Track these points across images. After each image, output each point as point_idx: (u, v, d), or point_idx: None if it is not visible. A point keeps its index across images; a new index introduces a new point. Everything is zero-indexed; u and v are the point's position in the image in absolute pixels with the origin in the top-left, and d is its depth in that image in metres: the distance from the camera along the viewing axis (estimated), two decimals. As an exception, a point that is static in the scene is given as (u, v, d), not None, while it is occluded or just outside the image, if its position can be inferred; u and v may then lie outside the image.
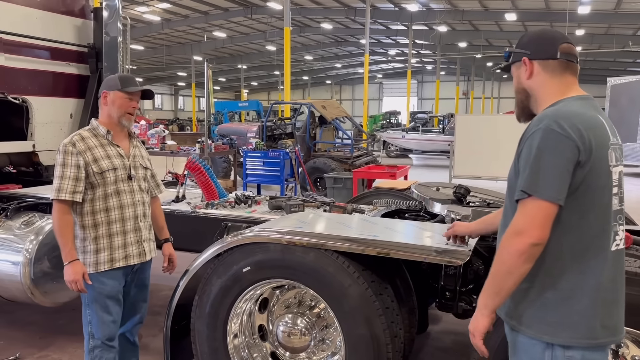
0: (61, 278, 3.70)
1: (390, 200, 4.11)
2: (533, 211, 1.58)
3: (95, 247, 2.67)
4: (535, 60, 1.78)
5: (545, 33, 1.84)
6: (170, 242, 3.07)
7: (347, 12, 26.82)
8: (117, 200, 2.71)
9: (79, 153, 2.63)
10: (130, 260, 2.76)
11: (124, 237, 2.73)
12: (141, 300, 2.95)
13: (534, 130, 1.61)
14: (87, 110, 5.14)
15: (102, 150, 2.70)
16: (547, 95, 1.76)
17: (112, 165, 2.70)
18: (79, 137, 2.69)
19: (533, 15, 24.53)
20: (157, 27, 29.04)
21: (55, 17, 4.90)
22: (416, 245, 2.57)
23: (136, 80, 2.82)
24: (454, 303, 2.97)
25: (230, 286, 2.74)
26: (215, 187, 4.06)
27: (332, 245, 2.56)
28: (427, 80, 51.99)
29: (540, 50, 1.78)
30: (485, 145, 8.13)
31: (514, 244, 1.59)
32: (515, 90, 1.86)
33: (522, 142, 1.66)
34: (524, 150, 1.63)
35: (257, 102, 24.30)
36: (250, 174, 9.36)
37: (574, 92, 1.75)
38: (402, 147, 19.18)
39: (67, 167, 2.62)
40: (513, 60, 1.85)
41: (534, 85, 1.79)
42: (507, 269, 1.62)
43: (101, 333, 2.69)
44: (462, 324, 4.27)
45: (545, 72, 1.77)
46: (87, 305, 2.71)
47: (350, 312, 2.50)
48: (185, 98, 56.94)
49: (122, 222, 2.73)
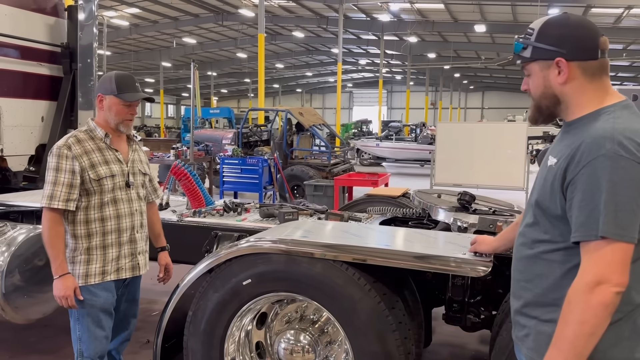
0: (34, 292, 3.46)
1: (385, 207, 3.97)
2: (613, 256, 1.34)
3: (86, 257, 2.46)
4: (573, 62, 1.49)
5: (581, 24, 1.53)
6: (167, 251, 2.89)
7: (319, 21, 26.84)
8: (114, 209, 2.51)
9: (74, 157, 2.41)
10: (122, 273, 2.56)
11: (118, 249, 2.53)
12: (131, 315, 2.76)
13: (595, 157, 1.36)
14: (59, 114, 4.85)
15: (100, 155, 2.49)
16: (585, 102, 1.51)
17: (111, 171, 2.49)
18: (74, 140, 2.46)
19: (501, 27, 25.07)
20: (125, 32, 28.41)
21: (26, 14, 4.61)
22: (440, 257, 2.37)
23: (135, 83, 2.57)
24: (462, 315, 2.84)
25: (228, 301, 2.53)
26: (202, 194, 3.84)
27: (361, 257, 2.37)
28: (396, 90, 52.54)
29: (580, 49, 1.50)
30: (465, 153, 8.13)
31: (596, 296, 1.33)
32: (540, 95, 1.57)
33: (573, 167, 1.41)
34: (581, 179, 1.38)
35: (228, 109, 23.98)
36: (227, 182, 9.11)
37: (612, 96, 1.52)
38: (375, 155, 19.19)
39: (61, 172, 2.39)
40: (536, 57, 1.55)
41: (570, 91, 1.52)
42: (590, 329, 1.34)
43: (92, 350, 2.48)
44: (457, 336, 4.18)
45: (584, 76, 1.50)
46: (77, 320, 2.48)
47: (361, 328, 2.33)
48: (153, 105, 55.90)
49: (118, 233, 2.52)
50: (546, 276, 1.52)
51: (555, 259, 1.51)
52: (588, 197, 1.37)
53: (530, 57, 1.56)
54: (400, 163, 18.78)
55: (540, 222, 1.54)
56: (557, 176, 1.45)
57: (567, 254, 1.47)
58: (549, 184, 1.49)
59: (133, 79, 2.57)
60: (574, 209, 1.40)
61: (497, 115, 43.23)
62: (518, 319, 1.63)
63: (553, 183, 1.47)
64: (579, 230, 1.39)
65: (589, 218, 1.36)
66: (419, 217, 3.50)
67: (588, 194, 1.37)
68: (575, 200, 1.40)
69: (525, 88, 1.63)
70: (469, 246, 2.33)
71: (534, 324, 1.55)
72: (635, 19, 21.57)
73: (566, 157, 1.44)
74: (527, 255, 1.59)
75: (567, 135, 1.53)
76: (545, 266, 1.53)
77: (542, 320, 1.52)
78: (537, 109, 1.62)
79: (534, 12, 20.12)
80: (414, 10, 23.90)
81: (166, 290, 5.06)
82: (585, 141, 1.41)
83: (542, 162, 1.65)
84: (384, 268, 2.43)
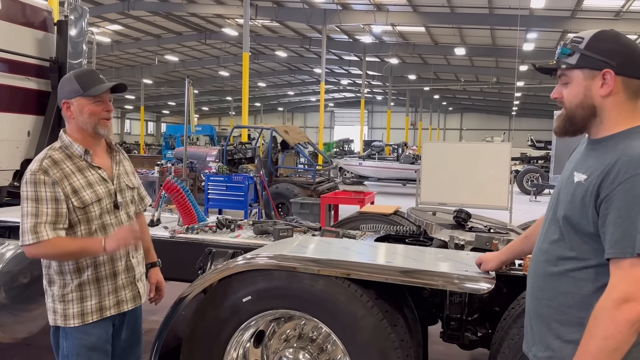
0: (20, 311, 3.36)
1: (377, 225, 3.98)
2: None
3: (78, 294, 2.16)
4: (620, 76, 1.48)
5: (633, 44, 1.53)
6: (157, 267, 2.62)
7: (302, 41, 27.12)
8: (104, 237, 2.18)
9: (54, 183, 2.07)
10: (124, 306, 2.29)
11: (114, 281, 2.24)
12: (135, 342, 2.44)
13: (633, 174, 1.37)
14: (46, 129, 4.78)
15: (82, 177, 2.15)
16: (620, 119, 1.51)
17: (96, 195, 2.17)
18: (50, 162, 2.10)
19: (481, 50, 25.66)
20: (107, 49, 28.24)
21: (14, 27, 4.55)
22: (444, 273, 2.37)
23: (99, 75, 2.24)
24: (460, 333, 2.84)
25: (227, 318, 2.49)
26: (195, 210, 3.80)
27: (377, 275, 2.34)
28: (377, 110, 53.13)
29: (630, 65, 1.49)
30: (450, 173, 8.22)
31: (623, 313, 1.34)
32: (577, 104, 1.54)
33: (608, 183, 1.41)
34: (617, 196, 1.38)
35: (210, 126, 23.97)
36: (212, 199, 9.03)
37: None
38: (358, 174, 19.27)
39: (42, 202, 2.05)
40: (583, 65, 1.52)
41: (609, 105, 1.51)
42: (614, 345, 1.35)
43: None
44: (448, 354, 4.17)
45: (626, 93, 1.50)
46: (66, 359, 2.20)
47: (364, 346, 2.31)
48: (133, 121, 55.40)
49: (112, 263, 2.23)
50: (572, 294, 1.51)
51: (583, 277, 1.50)
52: (624, 214, 1.37)
53: (577, 64, 1.53)
54: (383, 182, 18.89)
55: (567, 238, 1.53)
56: (590, 192, 1.45)
57: (597, 272, 1.46)
58: (579, 200, 1.48)
59: (95, 72, 2.27)
60: (609, 225, 1.40)
61: (475, 136, 43.91)
62: (538, 337, 1.61)
63: (584, 199, 1.46)
64: (614, 246, 1.39)
65: (625, 235, 1.36)
66: (414, 235, 3.51)
67: (624, 210, 1.37)
68: (610, 216, 1.40)
69: (557, 96, 1.60)
70: (469, 263, 2.35)
71: (558, 346, 1.53)
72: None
73: (600, 174, 1.44)
74: (550, 273, 1.58)
75: (596, 153, 1.53)
76: (571, 284, 1.52)
77: (565, 341, 1.51)
78: (569, 119, 1.58)
79: (513, 36, 20.70)
80: (396, 32, 24.34)
81: (152, 309, 4.98)
82: (622, 158, 1.41)
83: (561, 178, 1.65)
84: (384, 285, 2.43)
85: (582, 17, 19.21)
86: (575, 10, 18.80)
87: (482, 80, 32.69)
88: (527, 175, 18.45)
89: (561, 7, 18.76)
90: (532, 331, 1.66)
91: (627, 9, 17.90)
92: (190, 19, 24.77)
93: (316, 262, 2.45)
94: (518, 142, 28.00)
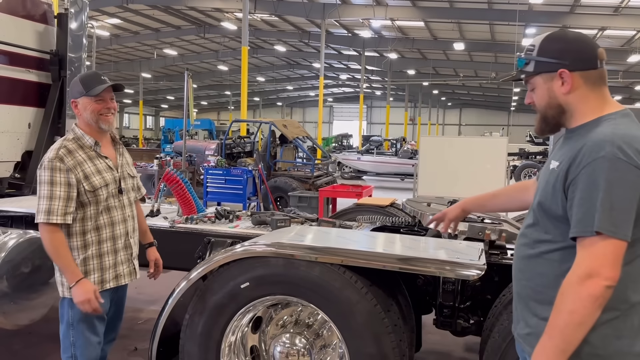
0: (24, 298, 3.42)
1: (374, 216, 4.05)
2: (606, 251, 1.43)
3: (83, 269, 2.45)
4: (575, 72, 1.58)
5: (580, 38, 1.63)
6: (154, 246, 2.90)
7: (301, 35, 27.11)
8: (108, 217, 2.52)
9: (68, 169, 2.38)
10: (122, 280, 2.60)
11: (114, 256, 2.55)
12: (117, 318, 2.79)
13: (594, 158, 1.46)
14: (47, 121, 4.83)
15: (92, 165, 2.47)
16: (588, 110, 1.60)
17: (104, 181, 2.49)
18: (65, 151, 2.43)
19: (480, 45, 25.67)
20: (105, 43, 28.19)
21: (15, 20, 4.60)
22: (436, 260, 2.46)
23: (101, 77, 2.53)
24: (453, 320, 2.92)
25: (226, 304, 2.56)
26: (194, 201, 3.86)
27: (364, 261, 2.44)
28: (376, 106, 53.15)
29: (581, 59, 1.59)
30: (448, 167, 8.28)
31: (586, 288, 1.42)
32: (545, 106, 1.65)
33: (574, 167, 1.50)
34: (581, 179, 1.47)
35: (209, 121, 23.98)
36: (211, 192, 9.09)
37: (612, 105, 1.62)
38: (356, 169, 19.34)
39: (56, 185, 2.36)
40: (539, 71, 1.63)
41: (574, 100, 1.61)
42: (579, 319, 1.43)
43: (87, 356, 2.49)
44: (443, 344, 4.25)
45: (586, 85, 1.59)
46: (72, 326, 2.47)
47: (358, 330, 2.38)
48: (132, 116, 55.36)
49: (113, 241, 2.54)
50: (547, 275, 1.60)
51: (556, 258, 1.59)
52: (586, 195, 1.45)
53: (534, 70, 1.64)
54: (381, 177, 18.96)
55: (541, 222, 1.62)
56: (559, 177, 1.54)
57: (568, 253, 1.54)
58: (551, 186, 1.57)
59: (97, 74, 2.55)
60: (574, 207, 1.48)
61: (474, 132, 44.01)
62: (520, 316, 1.70)
63: (555, 184, 1.56)
64: (576, 226, 1.47)
65: (586, 215, 1.45)
66: (409, 225, 3.58)
67: (586, 192, 1.46)
68: (575, 199, 1.48)
69: (530, 101, 1.71)
70: (462, 252, 2.42)
71: (535, 322, 1.62)
72: (609, 40, 22.32)
73: (568, 160, 1.53)
74: (528, 255, 1.67)
75: (569, 141, 1.62)
76: (546, 265, 1.61)
77: (542, 319, 1.58)
78: (543, 120, 1.69)
79: (512, 31, 20.70)
80: (395, 27, 24.35)
81: (151, 299, 5.07)
82: (586, 144, 1.50)
83: (544, 167, 1.74)
84: (379, 272, 2.50)
85: (581, 12, 19.25)
86: (574, 6, 18.83)
87: (481, 76, 32.71)
88: (525, 170, 18.55)
89: (560, 3, 18.79)
90: (515, 311, 1.75)
91: (626, 5, 17.93)
92: (189, 13, 24.75)
93: (312, 250, 2.53)
94: (517, 137, 28.08)
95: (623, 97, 35.42)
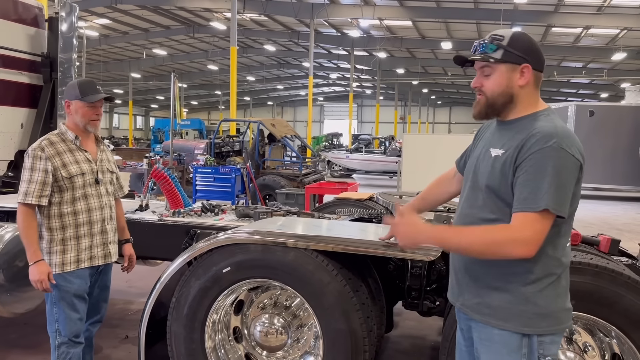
0: (19, 289, 3.62)
1: (352, 209, 4.28)
2: (544, 226, 1.67)
3: (62, 247, 2.72)
4: (534, 70, 1.81)
5: (534, 42, 1.86)
6: (130, 243, 3.13)
7: (291, 35, 27.31)
8: (85, 203, 2.78)
9: (47, 158, 2.68)
10: (95, 261, 2.83)
11: (90, 239, 2.80)
12: (102, 300, 3.01)
13: (543, 147, 1.68)
14: (39, 121, 4.99)
15: (71, 156, 2.76)
16: (529, 105, 1.83)
17: (81, 170, 2.77)
18: (47, 142, 2.74)
19: (467, 44, 25.90)
20: (95, 43, 28.22)
21: (6, 24, 4.77)
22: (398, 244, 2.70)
23: (96, 86, 2.85)
24: (420, 302, 3.17)
25: (209, 287, 2.79)
26: (181, 196, 4.08)
27: (331, 246, 2.67)
28: (366, 104, 53.43)
29: (539, 61, 1.83)
30: (430, 164, 8.51)
31: (515, 250, 1.68)
32: (499, 93, 1.82)
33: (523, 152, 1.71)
34: (528, 162, 1.69)
35: (199, 120, 24.12)
36: (200, 190, 9.29)
37: (541, 103, 1.87)
38: (345, 167, 19.59)
39: (35, 171, 2.67)
40: (506, 60, 1.80)
41: (523, 94, 1.82)
42: (478, 251, 1.76)
43: (68, 330, 2.75)
44: (418, 329, 4.50)
45: (534, 84, 1.84)
46: (54, 304, 2.75)
47: (329, 308, 2.62)
48: (121, 116, 55.29)
49: (90, 225, 2.79)
50: None
51: None
52: (532, 177, 1.69)
53: (501, 58, 1.80)
54: (370, 175, 19.23)
55: (488, 203, 1.83)
56: (508, 162, 1.76)
57: None
58: (498, 171, 1.79)
59: (94, 83, 2.85)
60: (518, 186, 1.72)
61: (464, 130, 44.28)
62: (465, 287, 1.92)
63: (503, 169, 1.78)
64: (522, 203, 1.70)
65: (532, 193, 1.67)
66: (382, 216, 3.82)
67: (532, 175, 1.69)
68: (520, 179, 1.72)
69: (477, 85, 1.87)
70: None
71: (485, 292, 1.84)
72: (593, 39, 22.74)
73: (516, 147, 1.75)
74: None
75: (508, 132, 1.84)
76: None
77: (492, 288, 1.82)
78: (490, 106, 1.86)
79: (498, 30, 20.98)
80: (383, 27, 24.61)
81: (142, 292, 5.27)
82: (534, 134, 1.73)
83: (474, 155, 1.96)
84: (350, 256, 2.74)
85: (565, 11, 19.61)
86: (558, 5, 19.18)
87: (470, 74, 33.00)
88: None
89: (544, 2, 19.13)
90: (458, 284, 1.96)
91: (608, 4, 18.30)
92: (179, 13, 24.87)
93: (286, 236, 2.76)
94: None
95: (609, 94, 35.98)
